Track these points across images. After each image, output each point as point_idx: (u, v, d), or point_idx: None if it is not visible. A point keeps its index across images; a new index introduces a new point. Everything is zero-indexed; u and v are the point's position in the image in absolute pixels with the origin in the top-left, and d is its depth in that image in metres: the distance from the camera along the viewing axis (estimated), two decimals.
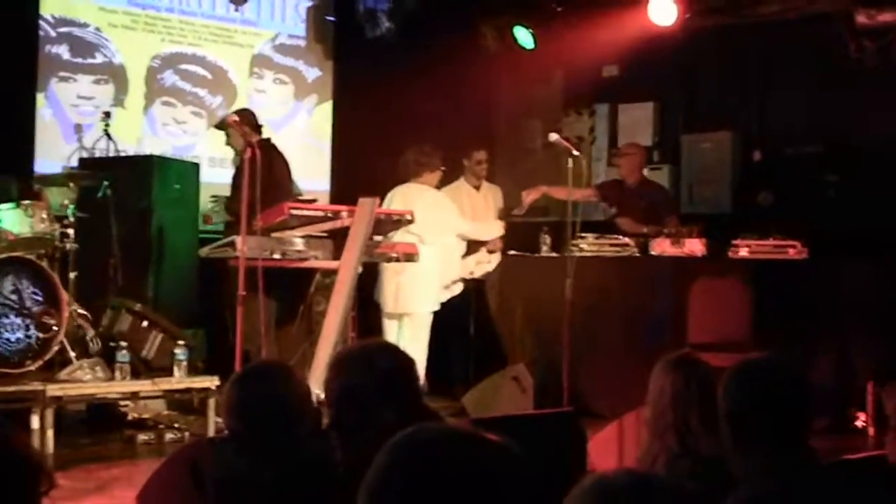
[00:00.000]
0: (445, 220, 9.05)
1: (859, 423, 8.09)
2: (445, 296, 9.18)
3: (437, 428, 1.90)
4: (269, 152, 8.34)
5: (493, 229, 9.57)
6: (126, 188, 8.73)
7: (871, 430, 7.99)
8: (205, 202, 9.61)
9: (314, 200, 8.84)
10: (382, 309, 8.97)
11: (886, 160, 9.43)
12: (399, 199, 8.91)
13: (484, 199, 10.04)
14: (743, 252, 8.41)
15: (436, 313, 9.07)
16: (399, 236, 8.57)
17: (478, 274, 9.62)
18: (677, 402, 3.87)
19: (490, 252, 9.78)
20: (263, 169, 7.26)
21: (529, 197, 9.43)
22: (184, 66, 10.66)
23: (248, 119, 8.50)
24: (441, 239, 8.99)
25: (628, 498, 1.87)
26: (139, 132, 10.30)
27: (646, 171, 9.97)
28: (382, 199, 8.52)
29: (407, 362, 3.33)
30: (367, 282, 8.83)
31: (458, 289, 9.35)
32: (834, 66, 9.89)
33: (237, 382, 3.36)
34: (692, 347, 5.93)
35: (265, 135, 8.92)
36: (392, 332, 8.85)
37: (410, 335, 8.75)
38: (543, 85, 11.75)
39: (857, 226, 9.13)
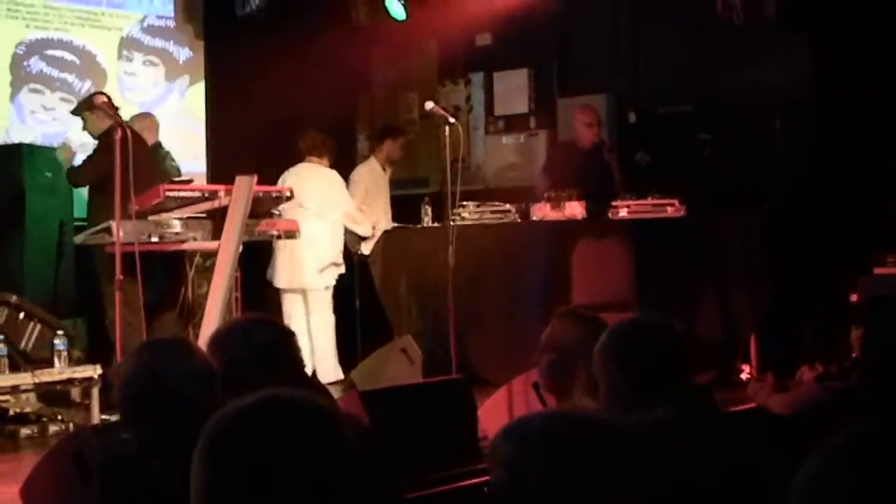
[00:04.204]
0: (338, 197, 9.18)
1: (744, 376, 8.21)
2: (337, 272, 9.20)
3: (248, 400, 1.93)
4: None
5: (367, 229, 9.56)
6: None
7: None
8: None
9: (190, 181, 8.71)
10: (278, 286, 8.99)
11: (756, 115, 9.56)
12: (292, 178, 8.98)
13: (386, 180, 10.31)
14: (622, 212, 8.46)
15: None
16: (293, 213, 8.50)
17: (365, 250, 9.59)
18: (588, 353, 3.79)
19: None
20: (138, 150, 7.09)
21: None
22: (50, 52, 10.40)
23: (111, 100, 8.30)
24: (334, 215, 9.14)
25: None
26: (6, 121, 10.05)
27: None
28: (263, 180, 8.48)
29: (284, 333, 3.24)
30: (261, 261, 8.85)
31: (342, 268, 9.34)
32: (702, 25, 10.01)
33: (129, 360, 3.17)
34: None
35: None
36: (295, 309, 8.90)
37: (315, 310, 8.93)
38: (418, 56, 11.72)
39: (733, 181, 9.27)
